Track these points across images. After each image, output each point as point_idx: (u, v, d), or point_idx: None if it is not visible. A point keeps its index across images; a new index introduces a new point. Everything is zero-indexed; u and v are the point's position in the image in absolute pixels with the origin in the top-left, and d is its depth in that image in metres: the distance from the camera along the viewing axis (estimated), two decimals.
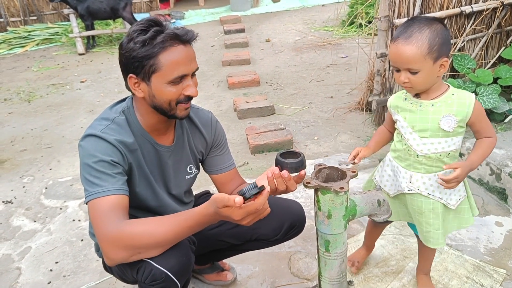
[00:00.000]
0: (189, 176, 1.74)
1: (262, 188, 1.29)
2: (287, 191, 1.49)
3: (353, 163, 1.75)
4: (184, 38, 1.41)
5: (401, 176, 1.71)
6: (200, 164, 1.81)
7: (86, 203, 1.40)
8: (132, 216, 1.42)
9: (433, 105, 1.59)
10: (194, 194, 1.94)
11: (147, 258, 1.39)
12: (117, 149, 1.44)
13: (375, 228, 2.11)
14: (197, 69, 1.49)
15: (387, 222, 2.00)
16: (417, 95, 1.63)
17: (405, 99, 1.67)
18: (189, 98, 1.48)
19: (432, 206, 1.68)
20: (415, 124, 1.62)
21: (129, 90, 1.50)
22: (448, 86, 1.62)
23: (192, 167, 1.74)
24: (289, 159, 1.45)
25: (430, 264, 2.00)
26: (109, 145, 1.43)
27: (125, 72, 1.46)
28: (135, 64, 1.40)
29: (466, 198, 1.74)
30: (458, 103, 1.56)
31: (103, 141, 1.43)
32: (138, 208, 1.58)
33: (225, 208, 1.26)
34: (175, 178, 1.69)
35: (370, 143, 1.87)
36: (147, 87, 1.44)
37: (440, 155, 1.61)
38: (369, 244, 2.18)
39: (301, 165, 1.44)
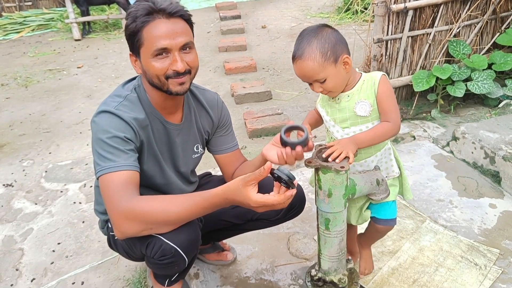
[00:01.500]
0: (195, 155, 1.78)
1: (293, 179, 1.33)
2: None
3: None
4: (167, 11, 1.40)
5: None
6: (205, 144, 1.85)
7: (98, 178, 1.43)
8: (140, 193, 1.46)
9: (348, 95, 1.63)
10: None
11: (157, 234, 1.43)
12: (130, 126, 1.47)
13: (350, 229, 1.99)
14: (187, 44, 1.45)
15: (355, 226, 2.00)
16: None
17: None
18: (178, 73, 1.45)
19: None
20: (335, 116, 1.67)
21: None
22: (361, 74, 1.66)
23: (199, 147, 1.78)
24: (293, 138, 1.47)
25: (371, 244, 2.03)
26: (123, 122, 1.46)
27: (130, 50, 1.52)
28: (129, 42, 1.46)
29: (396, 178, 1.78)
30: (367, 85, 1.61)
31: (117, 117, 1.45)
32: (144, 185, 1.61)
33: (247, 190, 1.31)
34: (183, 156, 1.73)
35: (306, 120, 1.86)
36: (140, 64, 1.49)
37: None
38: (350, 250, 2.09)
39: (307, 141, 1.46)
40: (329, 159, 1.50)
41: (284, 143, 1.46)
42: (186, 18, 1.47)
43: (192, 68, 1.49)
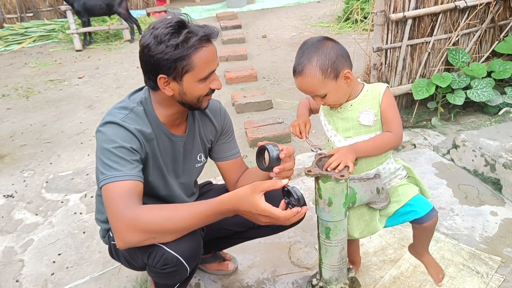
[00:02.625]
0: (198, 165, 1.80)
1: (302, 201, 1.36)
2: None
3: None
4: (212, 37, 1.50)
5: None
6: (208, 152, 1.86)
7: (101, 187, 1.43)
8: (143, 203, 1.46)
9: (351, 105, 1.62)
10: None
11: (159, 243, 1.43)
12: (136, 138, 1.49)
13: (352, 240, 2.00)
14: (218, 64, 1.57)
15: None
16: None
17: None
18: (213, 90, 1.57)
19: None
20: (338, 126, 1.65)
21: (150, 87, 1.56)
22: (363, 84, 1.65)
23: (202, 156, 1.80)
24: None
25: (428, 246, 1.89)
26: (129, 133, 1.47)
27: (153, 72, 1.48)
28: (167, 66, 1.44)
29: (407, 178, 1.76)
30: (371, 96, 1.60)
31: (123, 129, 1.47)
32: (148, 196, 1.61)
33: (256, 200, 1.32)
34: (186, 166, 1.75)
35: (300, 113, 1.86)
36: (177, 86, 1.49)
37: None
38: (352, 260, 2.10)
39: (276, 160, 1.52)
40: (328, 169, 1.50)
41: (262, 170, 1.57)
42: None
43: None
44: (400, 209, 1.71)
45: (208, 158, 1.88)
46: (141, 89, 1.64)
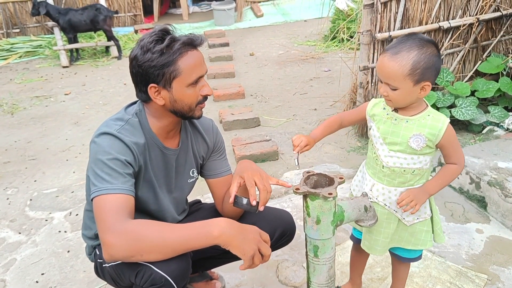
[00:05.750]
0: (191, 180, 1.80)
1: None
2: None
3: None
4: (196, 43, 1.53)
5: (365, 183, 1.76)
6: (199, 169, 1.86)
7: (92, 199, 1.42)
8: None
9: (407, 121, 1.61)
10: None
11: (147, 262, 1.41)
12: (131, 150, 1.49)
13: (359, 257, 2.01)
14: (207, 71, 1.59)
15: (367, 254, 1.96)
16: (395, 109, 1.65)
17: (384, 108, 1.68)
18: (206, 98, 1.58)
19: (387, 216, 1.71)
20: (387, 136, 1.64)
21: (142, 99, 1.58)
22: (427, 105, 1.64)
23: (194, 171, 1.80)
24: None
25: (403, 286, 1.97)
26: (124, 145, 1.48)
27: (143, 83, 1.52)
28: (155, 73, 1.48)
29: (427, 221, 1.74)
30: (431, 125, 1.59)
31: (119, 140, 1.47)
32: (138, 211, 1.60)
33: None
34: (179, 181, 1.74)
35: (316, 133, 1.83)
36: (168, 94, 1.52)
37: (404, 170, 1.64)
38: (356, 282, 2.08)
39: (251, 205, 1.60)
40: (399, 207, 1.62)
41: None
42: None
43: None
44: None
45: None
46: (135, 102, 1.65)
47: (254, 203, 1.56)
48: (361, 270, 2.06)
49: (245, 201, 1.58)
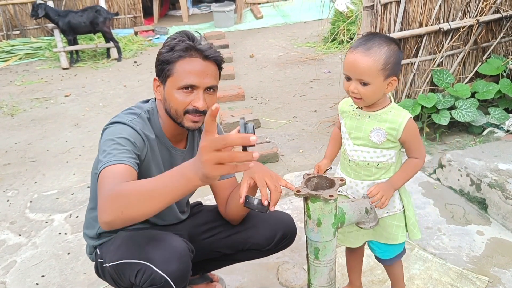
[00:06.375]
0: None
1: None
2: None
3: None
4: (204, 53, 1.52)
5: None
6: None
7: (98, 176, 1.38)
8: None
9: (369, 116, 1.66)
10: None
11: (147, 262, 1.40)
12: (141, 138, 1.52)
13: (352, 256, 2.00)
14: (213, 86, 1.55)
15: (362, 248, 1.96)
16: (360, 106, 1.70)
17: (351, 105, 1.74)
18: (197, 110, 1.52)
19: None
20: (351, 131, 1.70)
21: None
22: (391, 101, 1.69)
23: None
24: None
25: (402, 282, 1.97)
26: (135, 132, 1.51)
27: (156, 75, 1.59)
28: (159, 67, 1.54)
29: (400, 215, 1.76)
30: (391, 120, 1.63)
31: (131, 128, 1.51)
32: None
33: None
34: None
35: (326, 153, 1.90)
36: (163, 90, 1.56)
37: (368, 163, 1.69)
38: (355, 284, 2.06)
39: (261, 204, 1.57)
40: (372, 203, 1.62)
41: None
42: (219, 63, 1.59)
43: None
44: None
45: None
46: (147, 101, 1.69)
47: (266, 203, 1.54)
48: (359, 271, 2.06)
49: (256, 201, 1.57)
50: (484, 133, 3.50)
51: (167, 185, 1.17)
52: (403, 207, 1.78)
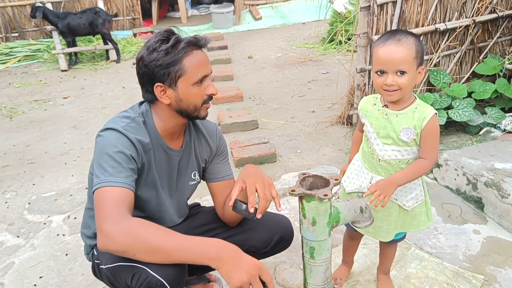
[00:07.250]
0: (192, 183, 1.82)
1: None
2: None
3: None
4: (201, 43, 1.56)
5: (363, 176, 1.82)
6: (201, 172, 1.87)
7: (94, 191, 1.43)
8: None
9: (397, 115, 1.68)
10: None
11: (143, 265, 1.41)
12: (135, 147, 1.52)
13: (351, 242, 2.13)
14: (212, 71, 1.62)
15: (361, 235, 2.05)
16: (385, 105, 1.71)
17: (374, 104, 1.75)
18: (211, 97, 1.61)
19: (388, 205, 1.76)
20: (379, 131, 1.71)
21: (149, 100, 1.62)
22: (415, 98, 1.70)
23: (196, 174, 1.82)
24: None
25: (390, 264, 2.09)
26: (129, 142, 1.51)
27: (149, 83, 1.55)
28: (161, 72, 1.51)
29: (424, 202, 1.82)
30: (418, 117, 1.65)
31: (124, 137, 1.50)
32: (137, 208, 1.61)
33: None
34: (180, 183, 1.76)
35: (350, 157, 1.98)
36: (173, 93, 1.55)
37: (399, 161, 1.72)
38: (347, 260, 2.20)
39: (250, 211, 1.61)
40: (368, 202, 1.63)
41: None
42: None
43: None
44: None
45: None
46: (141, 103, 1.68)
47: (252, 210, 1.57)
48: (354, 252, 2.18)
49: (243, 206, 1.60)
50: (481, 132, 3.51)
51: (184, 250, 1.36)
52: (424, 195, 1.83)
